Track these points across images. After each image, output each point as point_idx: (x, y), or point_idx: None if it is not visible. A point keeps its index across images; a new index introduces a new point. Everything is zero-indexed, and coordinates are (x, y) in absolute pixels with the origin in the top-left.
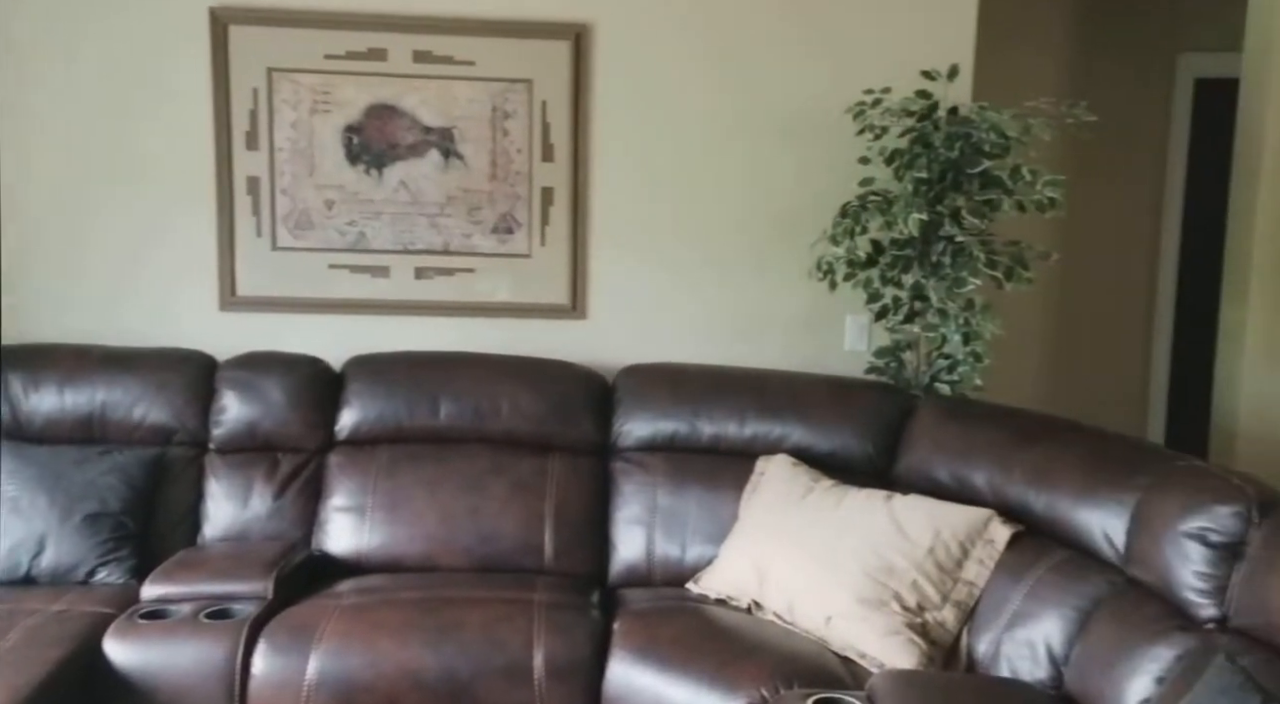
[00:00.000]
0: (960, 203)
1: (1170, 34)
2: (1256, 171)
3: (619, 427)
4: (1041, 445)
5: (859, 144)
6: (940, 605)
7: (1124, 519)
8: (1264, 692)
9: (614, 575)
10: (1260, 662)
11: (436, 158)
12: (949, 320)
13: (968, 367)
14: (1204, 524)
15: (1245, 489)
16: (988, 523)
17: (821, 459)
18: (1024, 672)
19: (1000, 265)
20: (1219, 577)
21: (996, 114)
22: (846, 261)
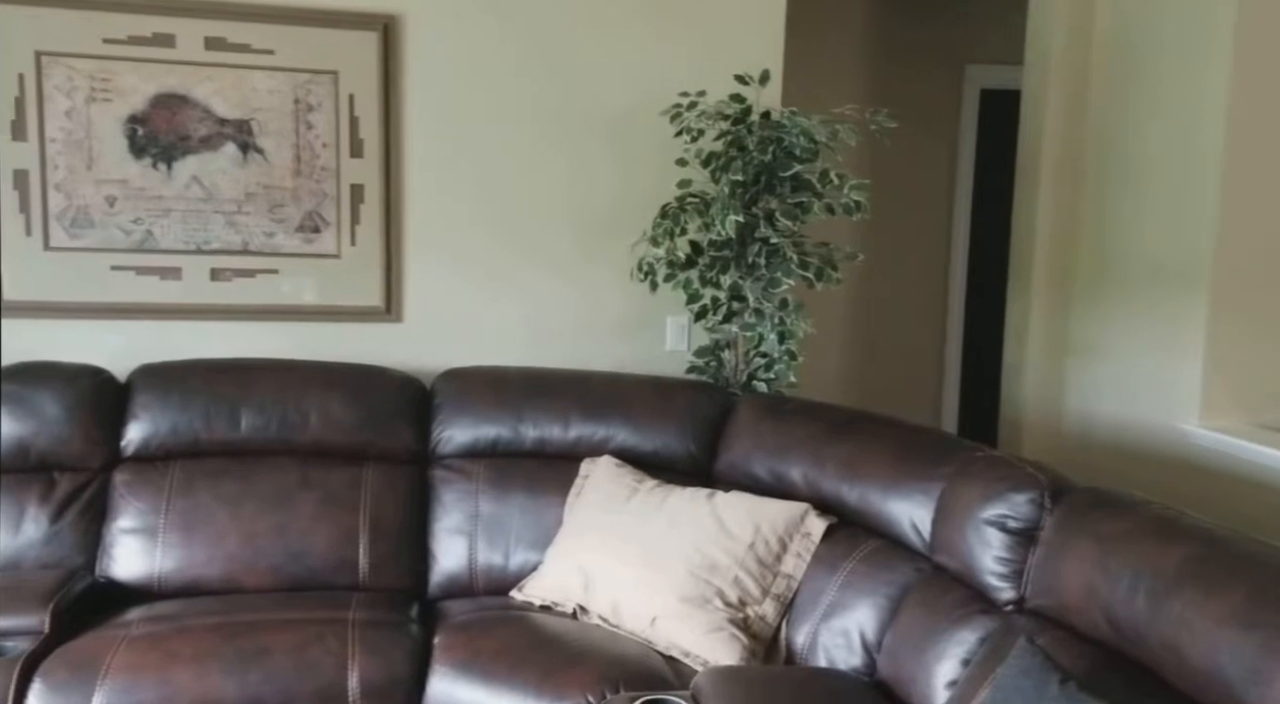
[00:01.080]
0: (774, 205)
1: (959, 46)
2: (1036, 178)
3: (438, 433)
4: (853, 439)
5: (677, 145)
6: (761, 600)
7: (929, 508)
8: (1061, 670)
9: (434, 588)
10: (1055, 641)
11: (233, 151)
12: (765, 320)
13: (783, 364)
14: (1002, 511)
15: (1038, 477)
16: (804, 516)
17: (645, 459)
18: (840, 660)
19: (811, 266)
20: (1016, 561)
21: (806, 119)
22: (666, 262)
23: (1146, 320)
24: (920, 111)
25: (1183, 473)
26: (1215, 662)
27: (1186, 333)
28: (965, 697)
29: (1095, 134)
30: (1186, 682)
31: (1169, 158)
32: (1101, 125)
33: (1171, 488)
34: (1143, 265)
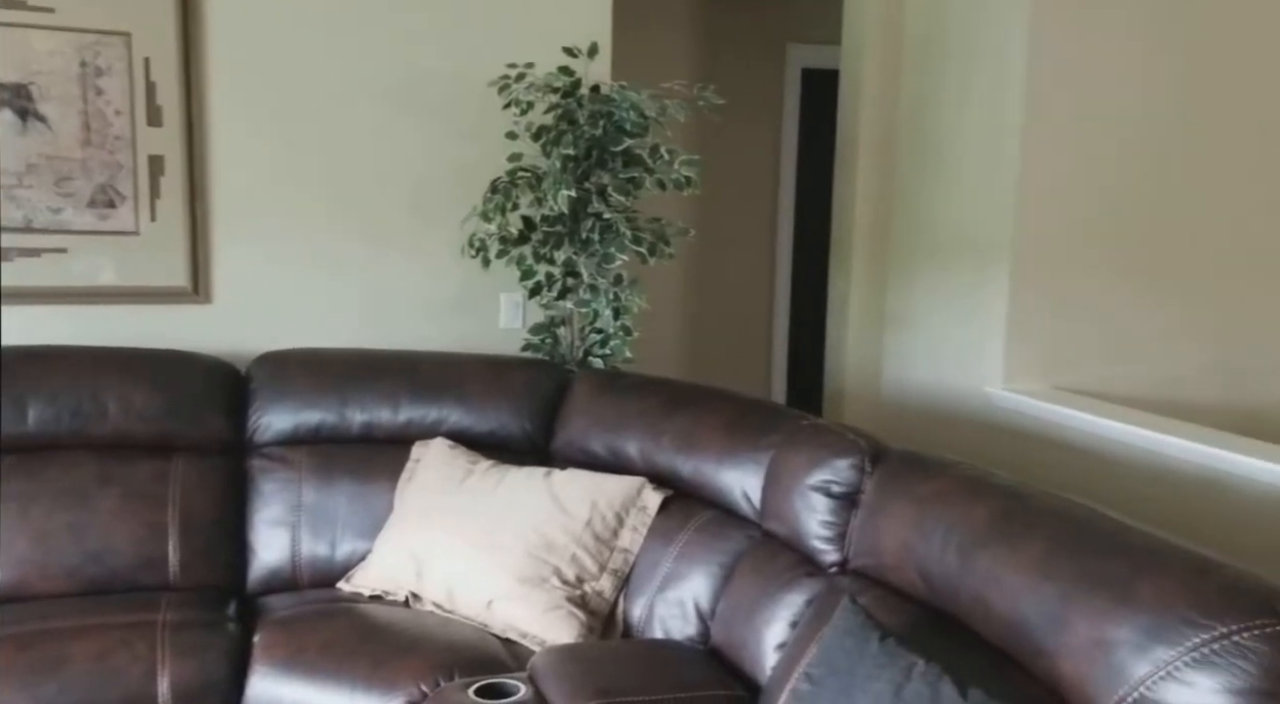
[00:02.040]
0: (606, 180)
1: (780, 25)
2: (854, 157)
3: (255, 420)
4: (688, 412)
5: (507, 118)
6: (598, 576)
7: (759, 477)
8: (881, 627)
9: (255, 583)
10: (876, 599)
11: (10, 118)
12: (600, 295)
13: (619, 340)
14: (826, 477)
15: (859, 443)
16: (640, 490)
17: (480, 440)
18: (676, 630)
19: (645, 241)
20: (840, 524)
21: (635, 94)
22: (499, 238)
23: (955, 292)
24: (746, 89)
25: (990, 434)
26: (1019, 611)
27: (991, 303)
28: (793, 658)
29: (908, 115)
30: (994, 631)
31: (974, 138)
32: (913, 106)
33: (980, 448)
34: (952, 241)
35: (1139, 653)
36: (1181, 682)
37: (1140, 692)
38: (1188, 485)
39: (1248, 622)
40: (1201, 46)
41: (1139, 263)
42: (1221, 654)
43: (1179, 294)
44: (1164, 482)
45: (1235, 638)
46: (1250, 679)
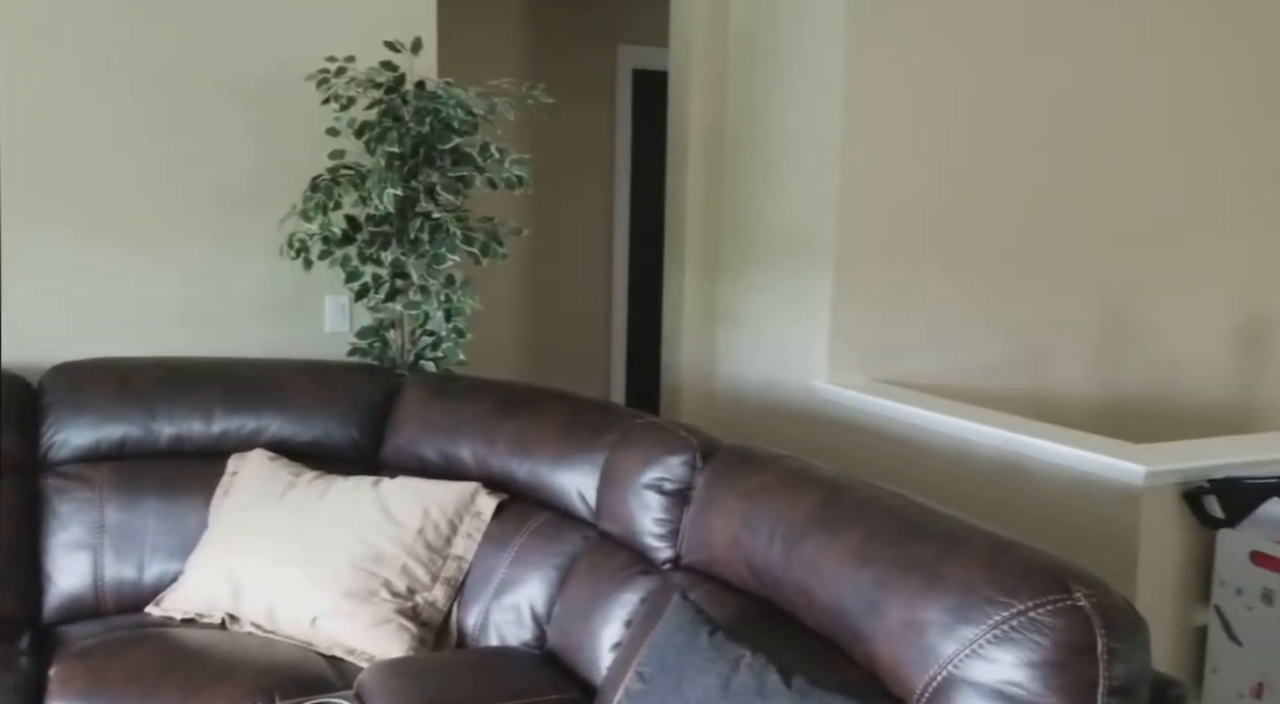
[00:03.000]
0: (435, 179)
1: (610, 26)
2: (685, 156)
3: (50, 437)
4: (522, 415)
5: (326, 114)
6: (431, 585)
7: (595, 477)
8: (711, 622)
9: (52, 612)
10: (706, 594)
11: None
12: (431, 297)
13: (451, 343)
14: (659, 475)
15: (690, 439)
16: (474, 496)
17: (304, 450)
18: (511, 636)
19: (477, 241)
20: (673, 521)
21: (462, 91)
22: (321, 239)
23: (784, 289)
24: (577, 89)
25: (818, 426)
26: (839, 598)
27: (816, 300)
28: (627, 658)
29: (735, 115)
30: (817, 620)
31: (798, 139)
32: (740, 107)
33: (809, 440)
34: (780, 239)
35: (947, 633)
36: (985, 658)
37: (949, 670)
38: (993, 469)
39: (1041, 598)
40: (1008, 51)
41: (952, 261)
42: (1019, 630)
43: (987, 290)
44: (973, 466)
45: (1031, 614)
46: (1044, 652)
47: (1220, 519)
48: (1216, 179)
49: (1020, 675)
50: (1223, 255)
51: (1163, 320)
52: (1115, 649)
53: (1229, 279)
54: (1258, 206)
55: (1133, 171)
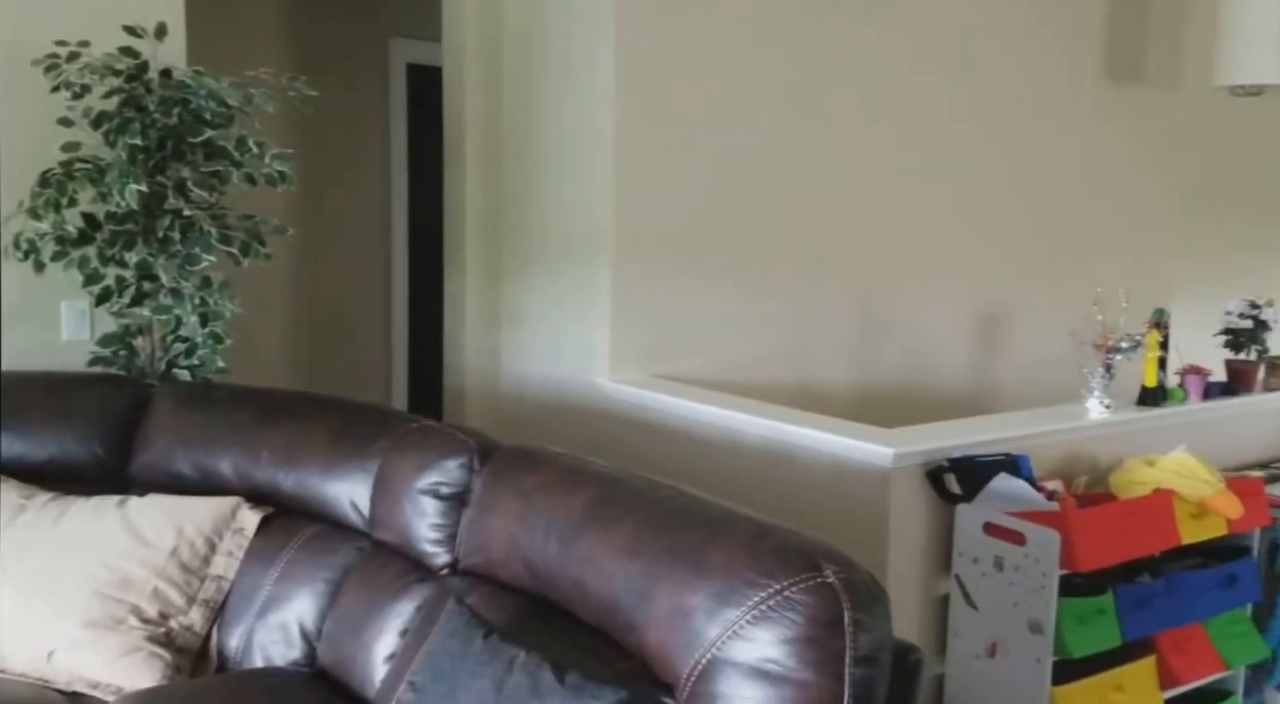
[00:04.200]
0: (186, 174)
1: (382, 19)
2: (463, 154)
3: None
4: (289, 423)
5: (58, 102)
6: (187, 609)
7: (368, 485)
8: (487, 625)
9: None
10: (484, 597)
11: None
12: (184, 301)
13: (208, 349)
14: (436, 479)
15: (468, 442)
16: (235, 511)
17: (38, 471)
18: (278, 656)
19: (235, 241)
20: (450, 525)
21: (215, 81)
22: (55, 239)
23: (565, 288)
24: (348, 82)
25: (602, 423)
26: (612, 591)
27: (596, 298)
28: (400, 668)
29: (512, 113)
30: (592, 613)
31: (573, 139)
32: (516, 105)
33: (594, 437)
34: (559, 238)
35: (711, 617)
36: (745, 639)
37: (712, 653)
38: (762, 456)
39: (795, 577)
40: (774, 56)
41: (722, 260)
42: (775, 609)
43: (755, 287)
44: (743, 454)
45: (785, 593)
46: (798, 628)
47: (958, 495)
48: (956, 187)
49: (776, 652)
50: (962, 256)
51: (913, 315)
52: (860, 621)
53: (967, 277)
54: (989, 212)
55: (886, 177)
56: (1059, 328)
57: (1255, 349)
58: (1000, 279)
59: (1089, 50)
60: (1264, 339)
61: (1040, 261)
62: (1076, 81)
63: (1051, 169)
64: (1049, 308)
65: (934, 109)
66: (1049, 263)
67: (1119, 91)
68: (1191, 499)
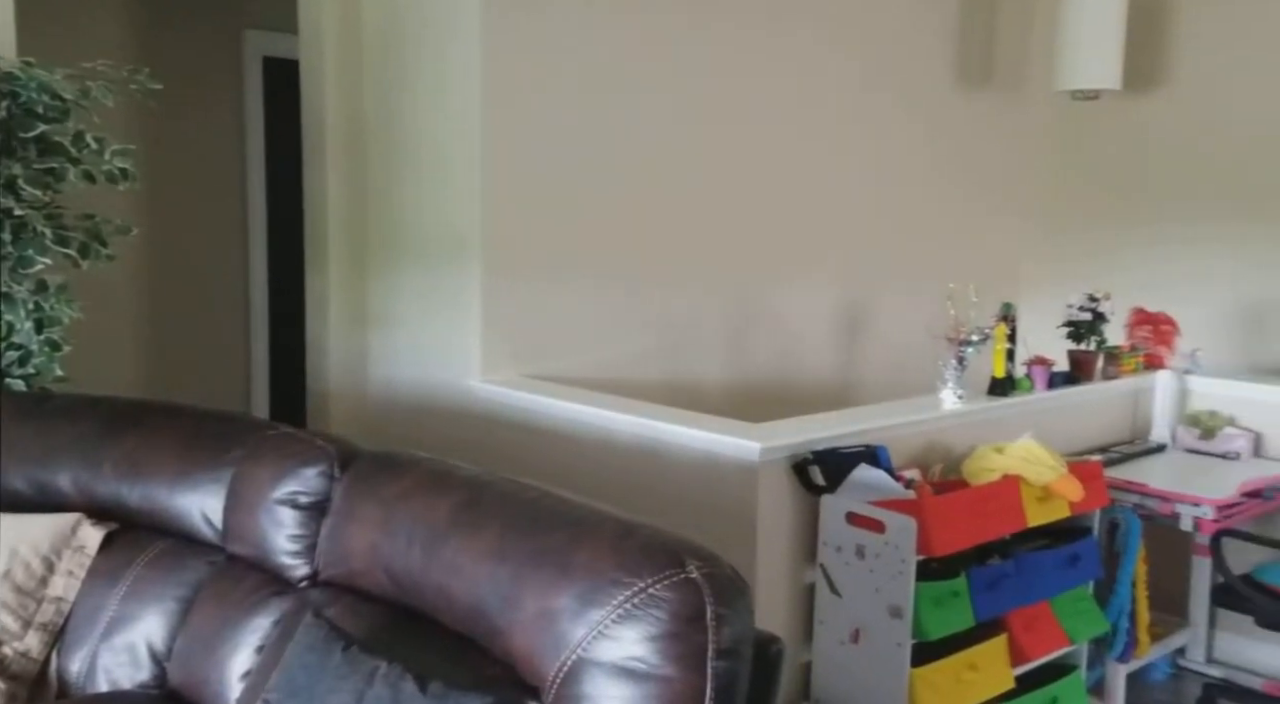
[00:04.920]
0: (17, 171)
1: (235, 10)
2: (323, 151)
3: None
4: (134, 433)
5: None
6: (22, 633)
7: (220, 497)
8: (346, 637)
9: None
10: (344, 608)
11: None
12: (17, 306)
13: (44, 357)
14: (293, 488)
15: (328, 448)
16: (75, 528)
17: None
18: (124, 679)
19: (73, 242)
20: (309, 535)
21: (47, 73)
22: None
23: (435, 288)
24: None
25: (474, 425)
26: (478, 596)
27: (467, 298)
28: (257, 686)
29: (374, 109)
30: (457, 620)
31: (439, 135)
32: (379, 100)
33: (467, 440)
34: (427, 237)
35: (577, 618)
36: (611, 638)
37: (578, 654)
38: (634, 454)
39: (659, 575)
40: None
41: (594, 258)
42: (640, 607)
43: (627, 285)
44: (616, 453)
45: (650, 591)
46: (662, 625)
47: (822, 486)
48: (821, 185)
49: (641, 650)
50: (827, 253)
51: (782, 311)
52: (722, 615)
53: (833, 273)
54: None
55: (754, 175)
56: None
57: (1094, 340)
58: (863, 275)
59: (942, 55)
60: (1102, 330)
61: (900, 258)
62: (931, 84)
63: (909, 169)
64: (908, 303)
65: (798, 109)
66: (908, 260)
67: (970, 95)
68: (1037, 484)
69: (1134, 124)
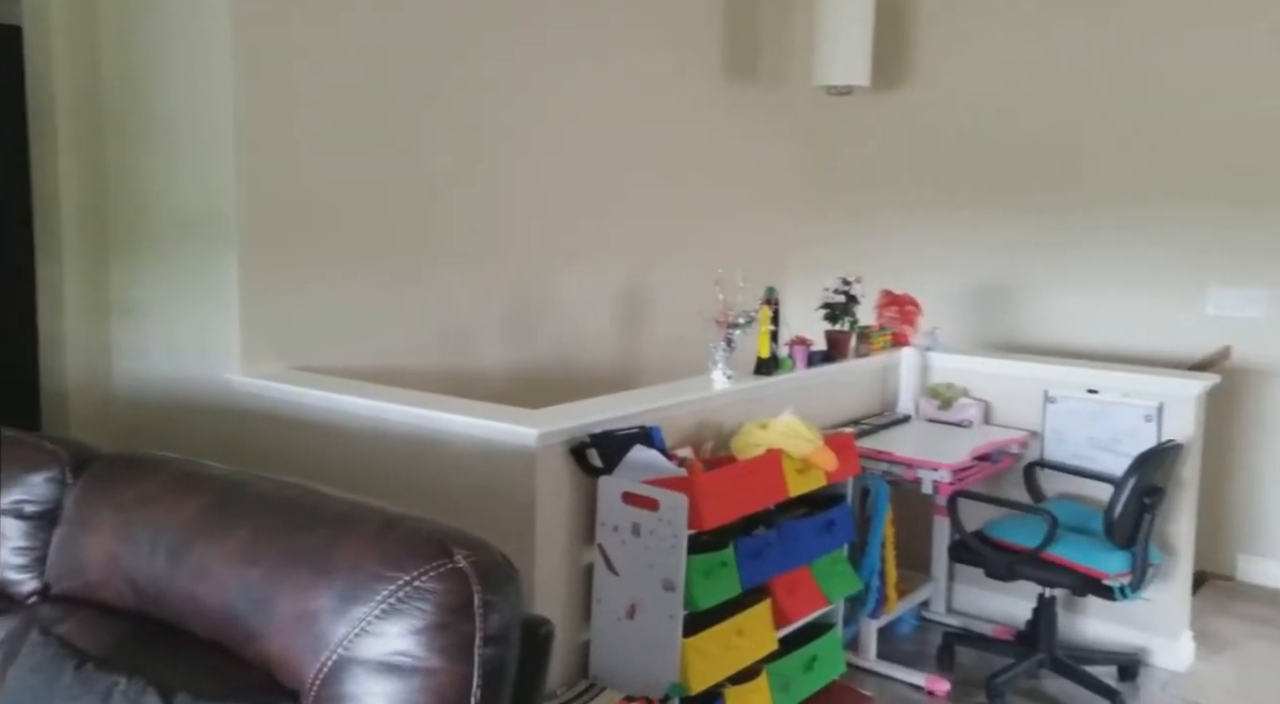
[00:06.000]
0: None
1: None
2: (54, 128)
3: None
4: None
5: None
6: None
7: None
8: (79, 655)
9: None
10: (80, 623)
11: None
12: None
13: None
14: (18, 497)
15: (57, 452)
16: None
17: None
18: None
19: None
20: (38, 547)
21: None
22: None
23: (187, 277)
24: None
25: (235, 421)
26: (228, 600)
27: (223, 288)
28: None
29: (112, 82)
30: (208, 627)
31: (187, 115)
32: (118, 73)
33: (224, 438)
34: (177, 223)
35: (337, 617)
36: (374, 634)
37: (339, 653)
38: (410, 445)
39: (425, 566)
40: (414, 38)
41: (367, 244)
42: (405, 601)
43: (404, 272)
44: (391, 445)
45: (415, 583)
46: (427, 617)
47: (600, 468)
48: (599, 174)
49: (406, 644)
50: (607, 240)
51: (564, 297)
52: (490, 601)
53: (613, 260)
54: (631, 198)
55: (534, 163)
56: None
57: (848, 321)
58: (642, 263)
59: (711, 49)
60: (854, 312)
61: (676, 246)
62: (702, 78)
63: (682, 160)
64: (684, 289)
65: (575, 99)
66: (684, 247)
67: (738, 88)
68: (797, 456)
69: (882, 119)
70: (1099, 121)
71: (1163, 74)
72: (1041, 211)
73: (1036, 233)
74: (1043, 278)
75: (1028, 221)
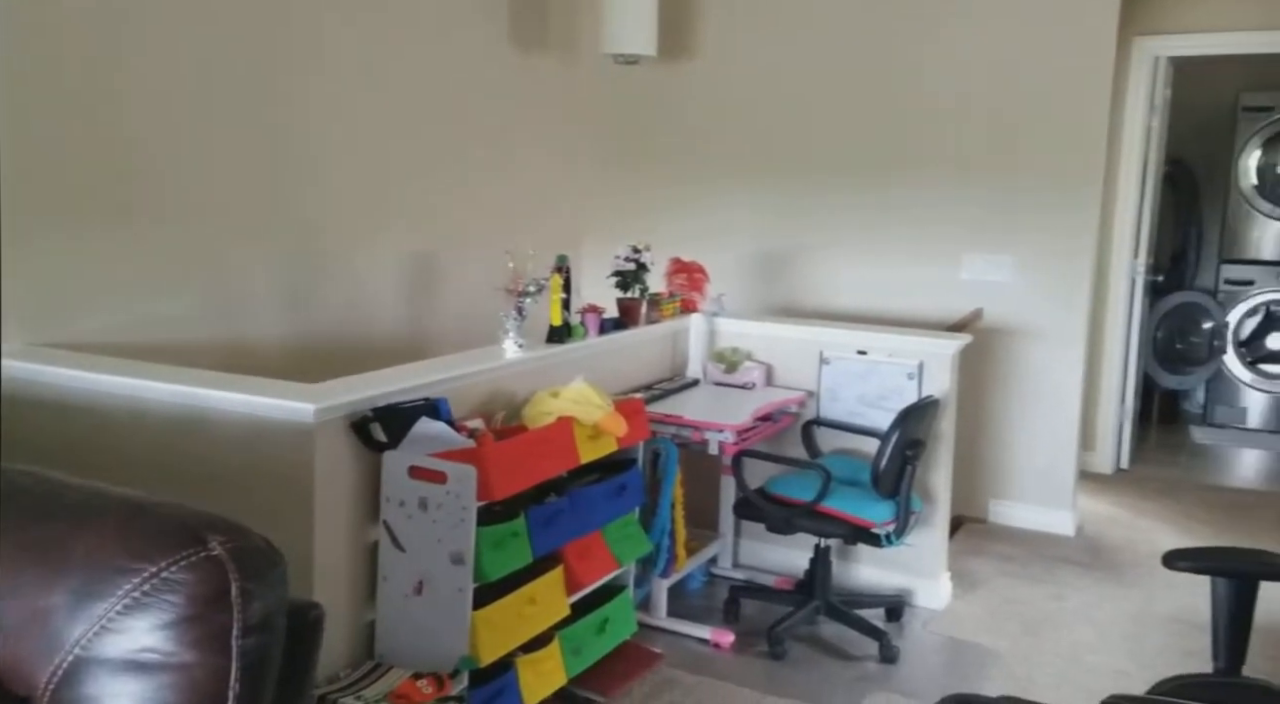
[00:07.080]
0: None
1: None
2: None
3: None
4: None
5: None
6: None
7: None
8: None
9: None
10: None
11: None
12: None
13: None
14: None
15: None
16: None
17: None
18: None
19: None
20: None
21: None
22: None
23: None
24: None
25: None
26: None
27: None
28: None
29: None
30: None
31: None
32: None
33: None
34: None
35: (74, 614)
36: (116, 631)
37: (75, 654)
38: (174, 425)
39: (175, 556)
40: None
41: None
42: (152, 594)
43: (171, 240)
44: (152, 425)
45: (164, 575)
46: (178, 610)
47: (384, 442)
48: (387, 142)
49: (153, 640)
50: (397, 209)
51: (350, 267)
52: (249, 590)
53: (403, 230)
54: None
55: (319, 130)
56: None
57: (638, 288)
58: (434, 233)
59: (498, 18)
60: (645, 279)
61: (469, 215)
62: (489, 47)
63: (473, 129)
64: (477, 258)
65: (364, 67)
66: (477, 216)
67: (526, 58)
68: (587, 423)
69: (670, 89)
70: (870, 97)
71: (925, 55)
72: (816, 182)
73: (812, 202)
74: (818, 245)
75: (805, 191)
